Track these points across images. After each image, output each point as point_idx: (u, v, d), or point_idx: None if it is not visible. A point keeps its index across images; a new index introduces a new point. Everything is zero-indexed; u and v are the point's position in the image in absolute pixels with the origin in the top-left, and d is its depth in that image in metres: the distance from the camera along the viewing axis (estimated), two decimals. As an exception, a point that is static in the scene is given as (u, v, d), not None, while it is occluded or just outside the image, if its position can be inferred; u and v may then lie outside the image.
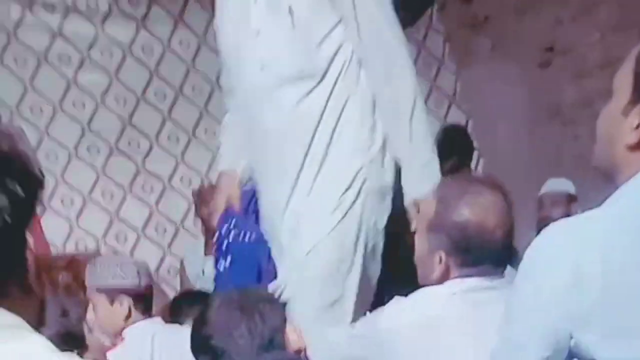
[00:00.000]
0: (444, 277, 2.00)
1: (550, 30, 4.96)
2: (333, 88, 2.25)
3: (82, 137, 4.75)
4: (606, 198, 1.38)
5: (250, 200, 2.47)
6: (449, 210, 1.98)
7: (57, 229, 4.57)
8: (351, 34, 2.24)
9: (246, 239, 2.41)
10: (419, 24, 5.42)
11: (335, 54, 2.24)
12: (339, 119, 2.25)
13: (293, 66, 2.23)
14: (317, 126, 2.24)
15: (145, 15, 4.93)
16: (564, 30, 4.90)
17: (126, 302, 2.72)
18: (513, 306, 1.41)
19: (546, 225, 1.42)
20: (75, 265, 4.18)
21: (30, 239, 1.08)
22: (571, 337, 1.31)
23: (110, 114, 4.80)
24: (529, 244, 1.40)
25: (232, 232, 2.43)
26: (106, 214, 4.75)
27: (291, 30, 2.21)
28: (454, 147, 4.21)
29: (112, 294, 2.71)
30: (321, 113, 2.24)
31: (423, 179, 2.24)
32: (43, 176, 1.08)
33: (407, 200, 2.26)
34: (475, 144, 5.04)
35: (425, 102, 5.36)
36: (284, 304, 2.11)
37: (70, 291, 4.00)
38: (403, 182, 2.29)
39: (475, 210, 1.97)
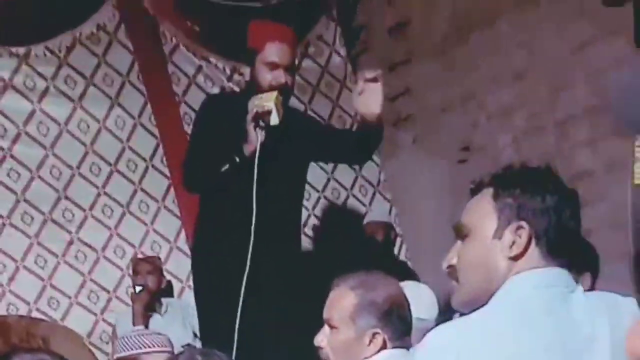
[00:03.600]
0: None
1: (468, 129, 5.31)
2: None
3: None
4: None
5: None
6: (370, 292, 2.26)
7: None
8: None
9: None
10: (345, 117, 5.75)
11: None
12: None
13: None
14: None
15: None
16: (479, 131, 5.26)
17: None
18: None
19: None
20: (5, 327, 4.26)
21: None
22: None
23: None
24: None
25: None
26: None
27: None
28: None
29: None
30: None
31: None
32: None
33: None
34: (398, 230, 5.38)
35: (351, 189, 5.64)
36: None
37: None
38: None
39: (389, 288, 2.31)
